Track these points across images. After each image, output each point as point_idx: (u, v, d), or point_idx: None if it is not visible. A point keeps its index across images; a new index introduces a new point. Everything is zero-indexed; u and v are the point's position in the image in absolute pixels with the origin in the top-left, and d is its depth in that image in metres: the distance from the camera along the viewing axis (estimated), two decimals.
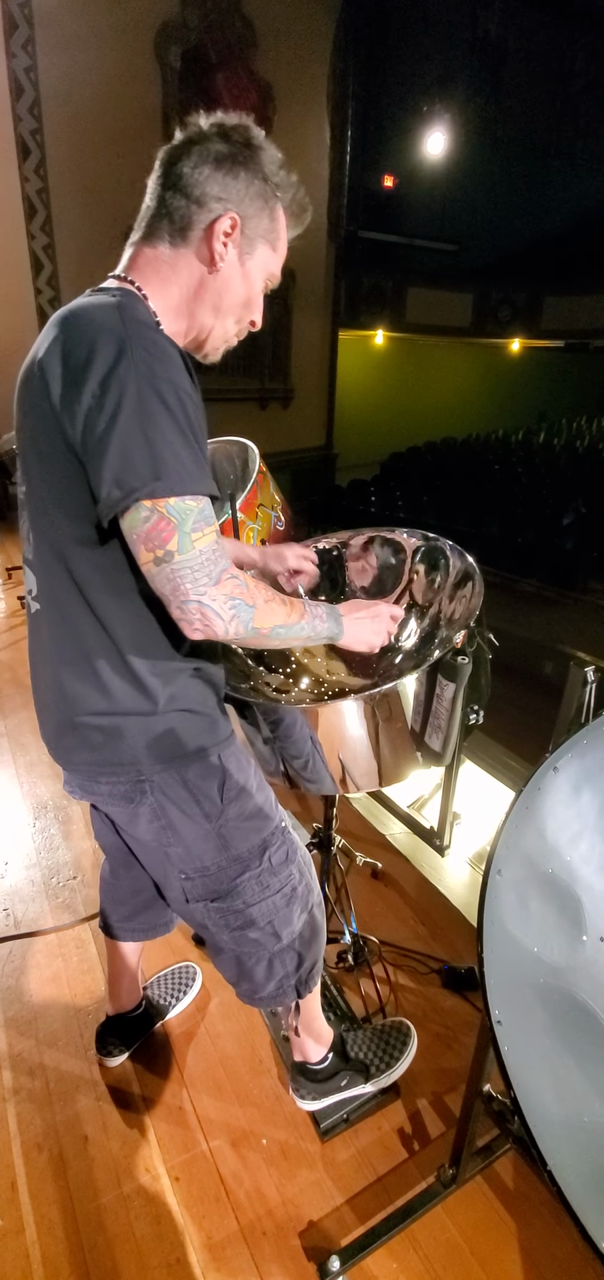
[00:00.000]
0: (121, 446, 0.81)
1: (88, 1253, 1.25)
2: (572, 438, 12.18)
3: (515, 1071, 0.62)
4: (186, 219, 0.94)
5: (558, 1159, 0.56)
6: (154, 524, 0.84)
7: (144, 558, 0.86)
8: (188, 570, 0.86)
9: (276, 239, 1.02)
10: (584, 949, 0.83)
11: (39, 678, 1.08)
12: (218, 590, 0.89)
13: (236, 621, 0.92)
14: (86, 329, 0.84)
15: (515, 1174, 1.36)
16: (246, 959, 1.21)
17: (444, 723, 1.22)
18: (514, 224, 12.51)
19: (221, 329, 1.03)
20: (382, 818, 2.38)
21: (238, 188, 0.95)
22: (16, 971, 1.81)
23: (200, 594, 0.88)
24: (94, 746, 1.02)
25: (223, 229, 0.94)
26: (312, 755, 1.29)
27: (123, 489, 0.82)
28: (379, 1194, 1.34)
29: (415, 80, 10.47)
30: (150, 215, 0.97)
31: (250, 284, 1.01)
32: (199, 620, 0.89)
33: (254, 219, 0.97)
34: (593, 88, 11.14)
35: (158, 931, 1.48)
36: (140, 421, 0.81)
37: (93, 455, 0.83)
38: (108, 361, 0.81)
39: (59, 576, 0.95)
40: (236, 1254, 1.25)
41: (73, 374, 0.83)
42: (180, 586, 0.87)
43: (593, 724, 1.00)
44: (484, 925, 0.74)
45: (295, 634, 1.04)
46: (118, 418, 0.81)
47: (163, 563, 0.86)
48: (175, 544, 0.85)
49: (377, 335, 13.41)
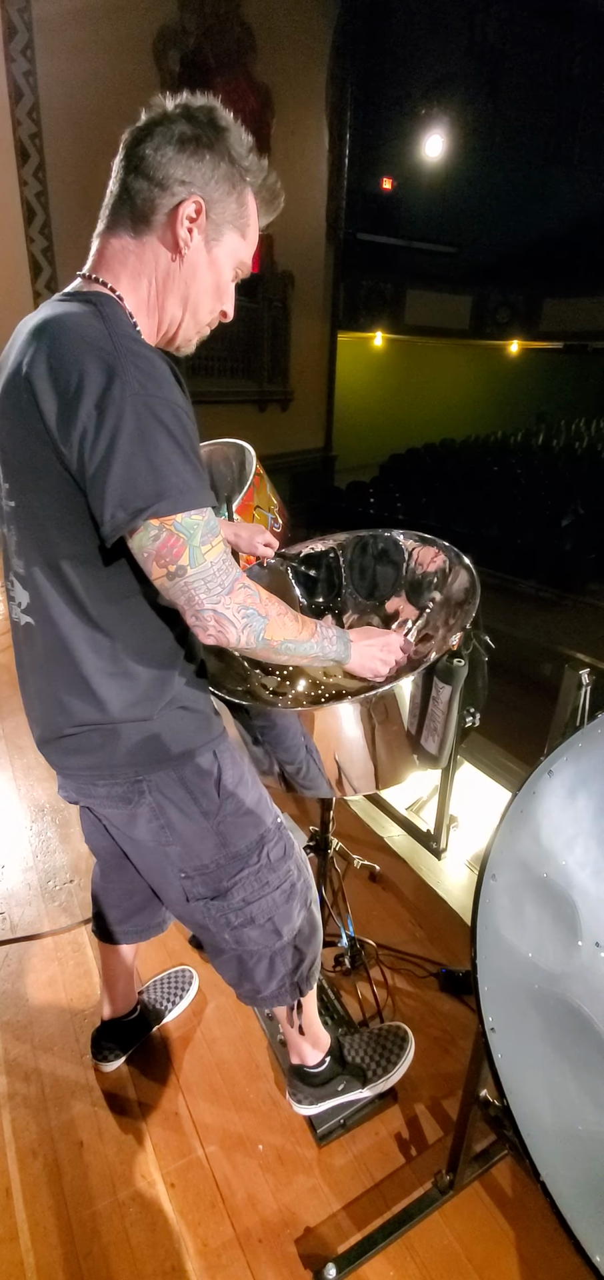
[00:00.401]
0: (123, 470, 0.81)
1: (83, 1260, 1.24)
2: (570, 439, 12.18)
3: (509, 1079, 0.61)
4: (149, 203, 0.91)
5: (551, 1168, 0.55)
6: (164, 542, 0.85)
7: (157, 574, 0.88)
8: (201, 581, 0.88)
9: (246, 225, 0.98)
10: (579, 955, 0.83)
11: (30, 689, 1.06)
12: (231, 599, 0.91)
13: (249, 630, 0.94)
14: (75, 348, 0.83)
15: (513, 1180, 1.35)
16: (248, 959, 1.20)
17: (440, 725, 1.22)
18: (512, 226, 12.52)
19: (191, 321, 1.00)
20: (379, 820, 2.38)
21: (203, 170, 0.91)
22: (12, 976, 1.81)
23: (214, 603, 0.90)
24: (91, 751, 1.02)
25: (187, 213, 0.91)
26: (306, 762, 1.29)
27: (128, 511, 0.82)
28: (376, 1200, 1.33)
29: (413, 84, 10.48)
30: (113, 201, 0.94)
31: (218, 272, 0.98)
32: (214, 627, 0.91)
33: (220, 203, 0.94)
34: (590, 91, 11.16)
35: (152, 932, 1.48)
36: (140, 443, 0.81)
37: (94, 481, 0.83)
38: (101, 384, 0.80)
39: (55, 590, 0.94)
40: (232, 1261, 1.24)
41: (65, 397, 0.82)
42: (195, 598, 0.89)
43: (588, 727, 0.99)
44: (478, 930, 0.74)
45: (304, 651, 1.05)
46: (117, 441, 0.81)
47: (176, 577, 0.87)
48: (186, 558, 0.86)
49: (375, 337, 13.42)
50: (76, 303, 0.89)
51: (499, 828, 0.86)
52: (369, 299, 12.28)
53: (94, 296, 0.90)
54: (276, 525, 1.93)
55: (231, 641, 0.93)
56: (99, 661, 0.97)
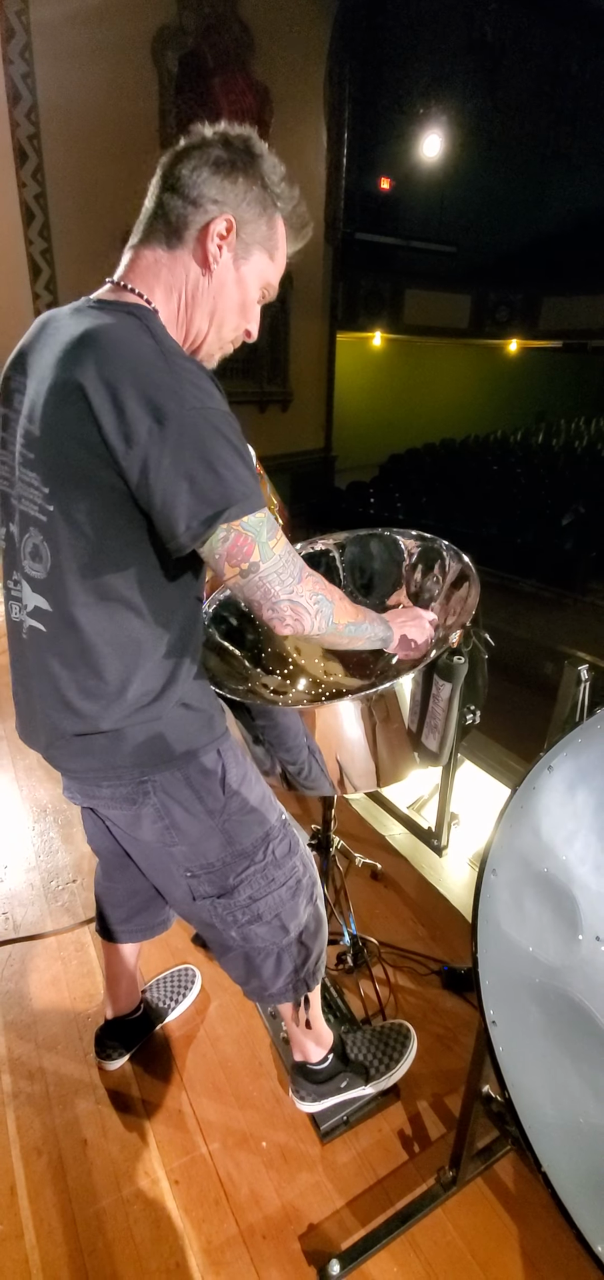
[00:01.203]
0: (191, 483, 0.85)
1: (87, 1257, 1.25)
2: (570, 438, 12.18)
3: (510, 1073, 0.62)
4: (182, 219, 0.95)
5: (553, 1162, 0.56)
6: (233, 542, 0.89)
7: (230, 574, 0.92)
8: (274, 575, 0.93)
9: (274, 248, 1.02)
10: (580, 949, 0.83)
11: (34, 695, 1.05)
12: (303, 587, 0.97)
13: (321, 616, 1.00)
14: (131, 364, 0.85)
15: (516, 1175, 1.36)
16: (255, 956, 1.21)
17: (441, 723, 1.22)
18: (511, 225, 12.52)
19: (216, 336, 1.03)
20: (381, 818, 2.38)
21: (235, 191, 0.95)
22: (16, 975, 1.81)
23: (289, 593, 0.95)
24: (96, 753, 1.02)
25: (218, 230, 0.95)
26: (308, 762, 1.29)
27: (201, 521, 0.86)
28: (379, 1196, 1.34)
29: (412, 83, 10.48)
30: (148, 217, 0.98)
31: (245, 290, 1.01)
32: (290, 616, 0.96)
33: (251, 224, 0.98)
34: (589, 89, 11.15)
35: (155, 931, 1.48)
36: (205, 456, 0.85)
37: (163, 497, 0.85)
38: (160, 402, 0.83)
39: (85, 597, 0.93)
40: (236, 1258, 1.25)
41: (124, 415, 0.83)
42: (271, 590, 0.94)
43: (587, 722, 1.00)
44: (478, 925, 0.74)
45: (361, 633, 1.12)
46: (182, 455, 0.84)
47: (250, 574, 0.92)
48: (257, 555, 0.91)
49: (375, 337, 13.42)
50: (118, 313, 0.91)
51: (499, 823, 0.87)
52: (368, 299, 12.28)
53: (135, 309, 0.92)
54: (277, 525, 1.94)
55: (306, 628, 0.98)
56: (117, 666, 0.97)
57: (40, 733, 1.07)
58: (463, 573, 1.46)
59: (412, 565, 1.64)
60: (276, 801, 1.21)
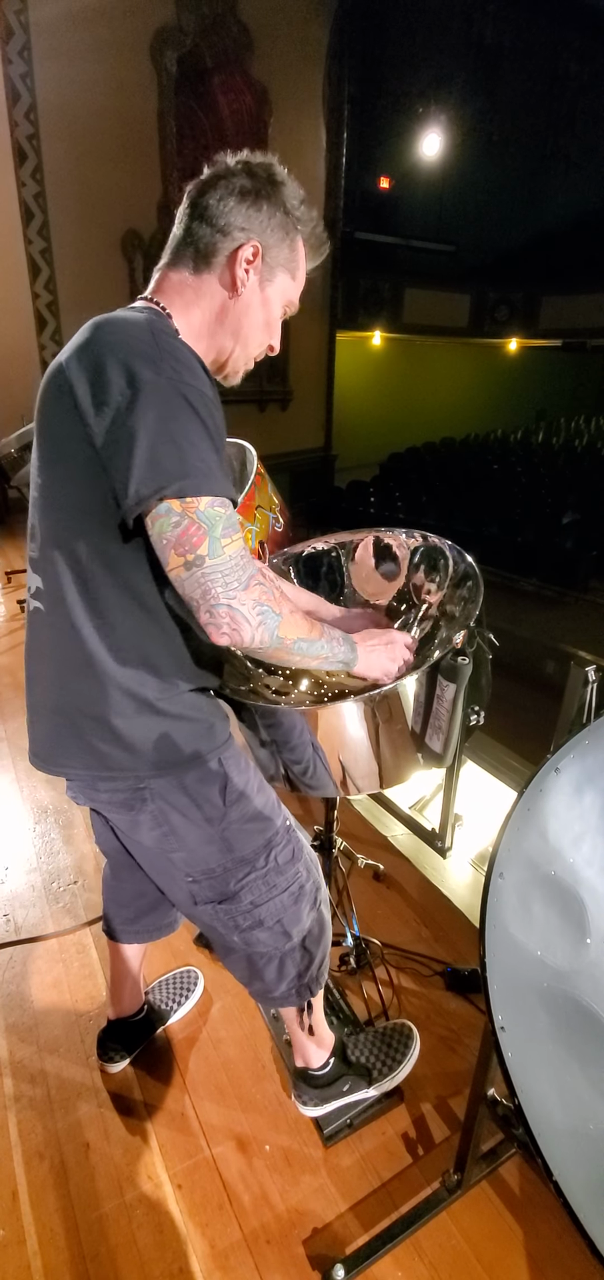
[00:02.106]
0: (149, 445, 0.83)
1: (89, 1263, 1.24)
2: (570, 437, 12.18)
3: (519, 1078, 0.61)
4: (211, 246, 0.99)
5: (563, 1168, 0.55)
6: (184, 529, 0.86)
7: (174, 562, 0.87)
8: (218, 574, 0.87)
9: (296, 268, 1.07)
10: (588, 952, 0.82)
11: (36, 678, 1.07)
12: (247, 595, 0.90)
13: (263, 629, 0.93)
14: (113, 337, 0.89)
15: (521, 1178, 1.35)
16: (258, 959, 1.21)
17: (445, 724, 1.21)
18: (511, 224, 12.52)
19: (242, 352, 1.07)
20: (383, 819, 2.37)
21: (260, 219, 1.00)
22: (17, 977, 1.80)
23: (230, 598, 0.88)
24: (91, 752, 1.01)
25: (245, 256, 1.00)
26: (313, 761, 1.28)
27: (150, 486, 0.84)
28: (384, 1200, 1.33)
29: (411, 82, 10.49)
30: (177, 243, 1.02)
31: (269, 309, 1.06)
32: (227, 624, 0.89)
33: (275, 248, 1.02)
34: (588, 88, 11.14)
35: (162, 933, 1.48)
36: (167, 423, 0.85)
37: (118, 454, 0.85)
38: (135, 366, 0.85)
39: (66, 578, 0.95)
40: (240, 1263, 1.24)
41: (98, 375, 0.86)
42: (211, 590, 0.87)
43: (594, 724, 0.99)
44: (486, 929, 0.73)
45: (315, 651, 1.05)
46: (145, 418, 0.84)
47: (193, 567, 0.87)
48: (205, 549, 0.86)
49: (374, 336, 13.42)
50: (126, 310, 0.96)
51: (506, 825, 0.86)
52: (367, 298, 12.29)
53: (145, 310, 0.97)
54: (278, 525, 1.93)
55: (246, 640, 0.91)
56: (104, 654, 0.97)
57: (36, 721, 1.08)
58: (466, 572, 1.45)
59: (414, 565, 1.63)
60: (282, 807, 1.20)
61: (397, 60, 10.40)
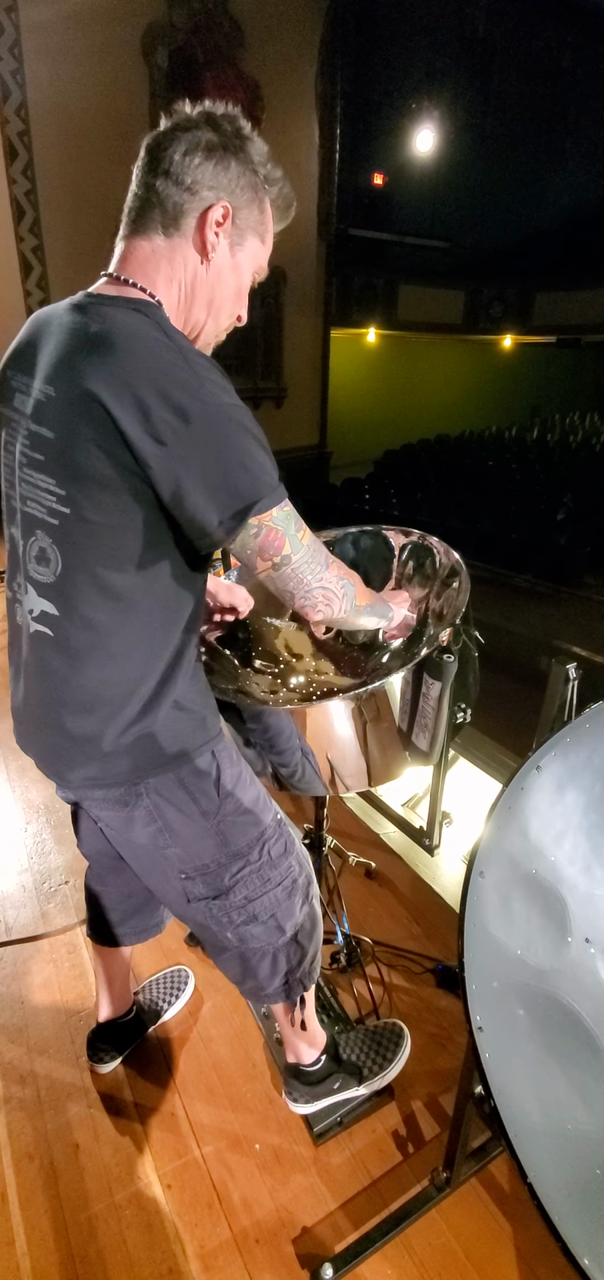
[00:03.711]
0: (223, 478, 0.86)
1: (79, 1263, 1.24)
2: (565, 433, 12.19)
3: (497, 1078, 0.61)
4: (178, 207, 0.92)
5: (540, 1169, 0.55)
6: (264, 537, 0.92)
7: (262, 566, 0.95)
8: (305, 565, 0.97)
9: (265, 231, 1.02)
10: (569, 951, 0.82)
11: (37, 703, 1.03)
12: (330, 573, 1.01)
13: (346, 598, 1.05)
14: (149, 364, 0.83)
15: (511, 1175, 1.35)
16: (251, 956, 1.20)
17: (431, 721, 1.21)
18: (505, 220, 12.50)
19: (213, 325, 1.03)
20: (374, 817, 2.37)
21: (229, 178, 0.94)
22: (7, 978, 1.80)
23: (320, 580, 0.99)
24: (92, 762, 1.00)
25: (215, 218, 0.93)
26: (301, 765, 1.28)
27: (234, 516, 0.88)
28: (373, 1198, 1.33)
29: (404, 78, 10.46)
30: (138, 204, 0.94)
31: (240, 276, 1.01)
32: (322, 602, 1.01)
33: (245, 209, 0.97)
34: (582, 85, 11.13)
35: (150, 934, 1.47)
36: (231, 451, 0.86)
37: (192, 495, 0.85)
38: (183, 401, 0.83)
39: (97, 598, 0.92)
40: (229, 1262, 1.24)
41: (148, 416, 0.82)
42: (303, 580, 0.98)
43: (575, 721, 0.99)
44: (466, 928, 0.73)
45: (376, 613, 1.21)
46: (211, 453, 0.85)
47: (282, 566, 0.95)
48: (289, 548, 0.94)
49: (369, 333, 13.39)
50: (125, 311, 0.88)
51: (487, 824, 0.86)
52: (362, 295, 12.26)
53: (141, 305, 0.90)
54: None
55: (335, 611, 1.03)
56: (124, 668, 0.96)
57: (36, 739, 1.06)
58: (453, 569, 1.45)
59: (403, 561, 1.63)
60: (272, 801, 1.19)
61: (390, 56, 10.37)
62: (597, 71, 10.88)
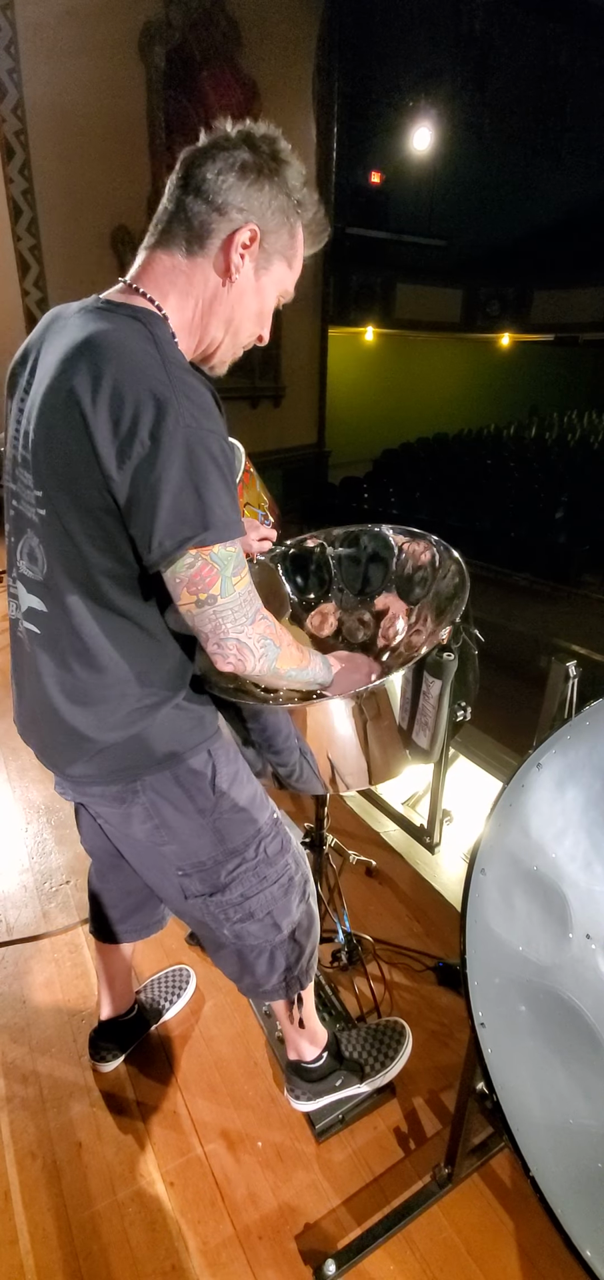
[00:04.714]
0: (173, 501, 0.83)
1: (82, 1261, 1.24)
2: (563, 431, 12.20)
3: (499, 1074, 0.61)
4: (206, 226, 0.92)
5: (542, 1163, 0.55)
6: (198, 570, 0.87)
7: (185, 600, 0.89)
8: (229, 611, 0.91)
9: (293, 256, 1.01)
10: (570, 947, 0.83)
11: (32, 698, 1.05)
12: (254, 629, 0.94)
13: (265, 660, 0.97)
14: (129, 374, 0.82)
15: (512, 1171, 1.36)
16: (248, 953, 1.21)
17: (431, 720, 1.22)
18: (502, 219, 12.51)
19: (231, 342, 1.02)
20: (375, 815, 2.38)
21: (261, 200, 0.93)
22: (9, 978, 1.80)
23: (239, 632, 0.92)
24: (88, 760, 1.01)
25: (242, 240, 0.93)
26: (299, 765, 1.28)
27: (175, 540, 0.84)
28: (375, 1194, 1.33)
29: (401, 77, 10.46)
30: (167, 218, 0.94)
31: (263, 299, 1.00)
32: (234, 656, 0.93)
33: (274, 234, 0.96)
34: (578, 83, 11.14)
35: (150, 931, 1.48)
36: (190, 476, 0.83)
37: (142, 510, 0.84)
38: (155, 416, 0.81)
39: (77, 602, 0.93)
40: (232, 1259, 1.24)
41: (119, 427, 0.82)
42: (221, 626, 0.91)
43: (576, 719, 0.99)
44: (467, 925, 0.74)
45: (300, 677, 1.11)
46: (168, 473, 0.82)
47: (205, 605, 0.89)
48: (218, 588, 0.89)
49: (367, 332, 13.39)
50: (123, 318, 0.88)
51: (488, 821, 0.86)
52: (359, 294, 12.26)
53: (141, 314, 0.89)
54: (267, 523, 1.93)
55: (248, 669, 0.95)
56: (114, 673, 0.97)
57: (34, 731, 1.08)
58: (453, 568, 1.45)
59: (401, 561, 1.63)
60: (269, 800, 1.20)
61: (387, 54, 10.36)
62: (594, 69, 10.89)
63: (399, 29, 10.21)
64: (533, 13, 10.56)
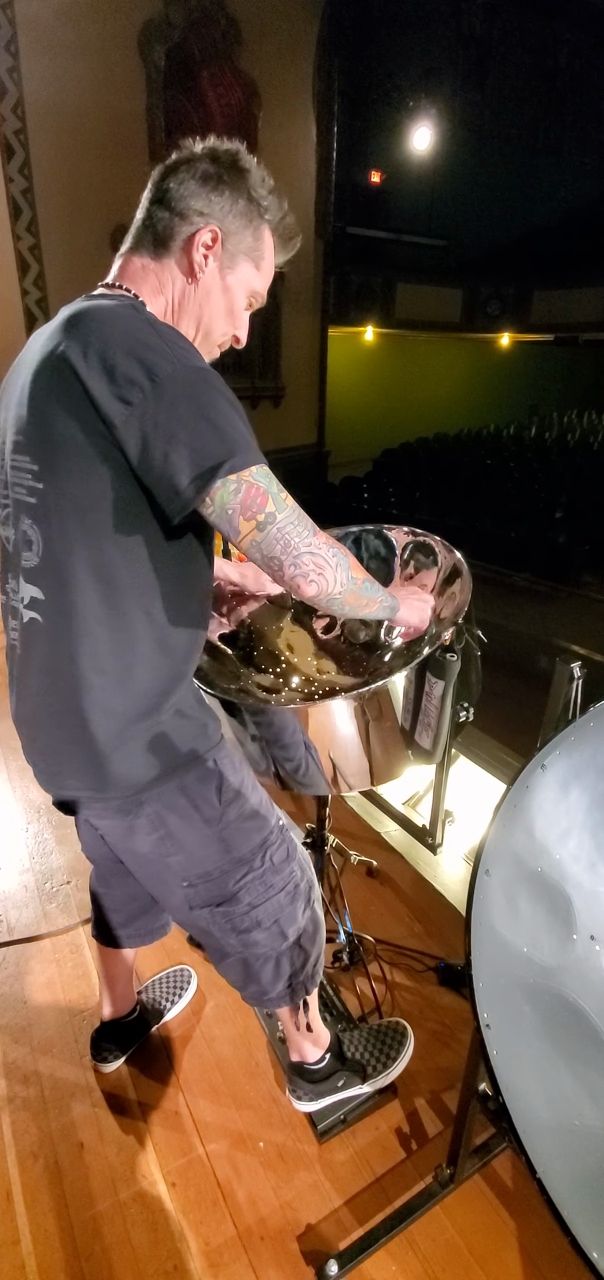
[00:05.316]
0: (191, 436, 0.83)
1: (84, 1262, 1.24)
2: (563, 431, 12.20)
3: (504, 1075, 0.61)
4: (168, 230, 0.97)
5: (548, 1165, 0.55)
6: (246, 493, 0.86)
7: (245, 528, 0.88)
8: (292, 525, 0.90)
9: (260, 258, 1.04)
10: (574, 948, 0.83)
11: (30, 691, 1.03)
12: (319, 540, 0.93)
13: (341, 569, 0.95)
14: (120, 331, 0.86)
15: (514, 1171, 1.36)
16: (254, 961, 1.20)
17: (434, 720, 1.22)
18: (502, 218, 12.52)
19: (203, 341, 1.05)
20: (376, 816, 2.38)
21: (222, 204, 0.98)
22: (10, 978, 1.80)
23: (309, 545, 0.91)
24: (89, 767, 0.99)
25: (203, 241, 0.97)
26: (305, 760, 1.28)
27: (206, 471, 0.84)
28: (377, 1195, 1.33)
29: (401, 76, 10.44)
30: (137, 228, 1.01)
31: (231, 297, 1.03)
32: (314, 571, 0.91)
33: (236, 235, 1.00)
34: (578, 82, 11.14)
35: (153, 937, 1.47)
36: (199, 409, 0.84)
37: (158, 452, 0.84)
38: (147, 357, 0.84)
39: (80, 585, 0.91)
40: (234, 1259, 1.24)
41: (113, 372, 0.83)
42: (290, 542, 0.89)
43: (580, 720, 0.99)
44: (472, 926, 0.74)
45: (374, 593, 1.06)
46: (176, 410, 0.83)
47: (267, 525, 0.88)
48: (272, 505, 0.88)
49: (366, 332, 13.39)
50: (106, 299, 0.94)
51: (493, 822, 0.86)
52: (359, 293, 12.26)
53: (123, 297, 0.96)
54: None
55: (330, 583, 0.93)
56: (114, 660, 0.95)
57: (36, 741, 1.05)
58: (456, 568, 1.45)
59: (404, 561, 1.63)
60: (274, 806, 1.19)
61: (387, 53, 10.35)
62: (593, 69, 10.89)
63: (399, 28, 10.20)
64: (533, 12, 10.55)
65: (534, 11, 10.55)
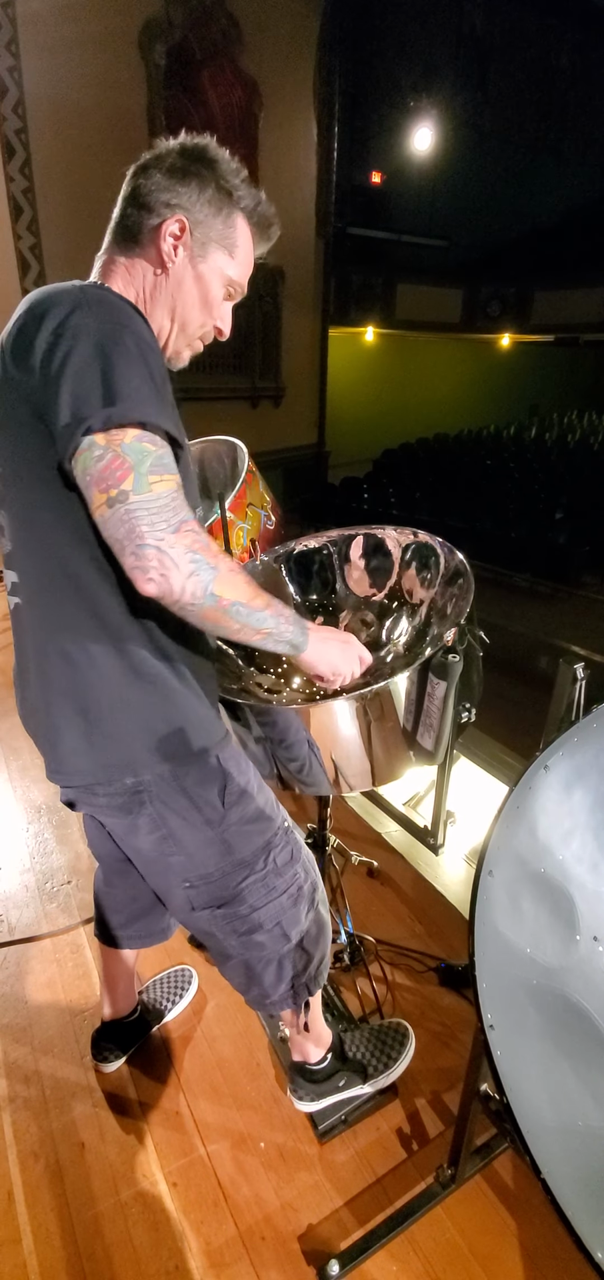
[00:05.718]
0: (74, 384, 0.80)
1: (85, 1261, 1.24)
2: (563, 432, 12.20)
3: (508, 1076, 0.61)
4: (137, 225, 0.98)
5: (552, 1165, 0.55)
6: (107, 463, 0.79)
7: (97, 501, 0.81)
8: (144, 511, 0.80)
9: (233, 245, 1.03)
10: (578, 949, 0.83)
11: (25, 675, 1.05)
12: (177, 539, 0.82)
13: (195, 579, 0.84)
14: (43, 296, 0.87)
15: (515, 1172, 1.36)
16: (255, 964, 1.19)
17: (436, 721, 1.22)
18: (503, 219, 12.51)
19: (180, 333, 1.04)
20: (377, 816, 2.38)
21: (189, 193, 0.97)
22: (11, 978, 1.80)
23: (158, 539, 0.80)
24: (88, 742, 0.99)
25: (170, 230, 0.97)
26: (309, 759, 1.28)
27: (75, 419, 0.79)
28: (378, 1195, 1.33)
29: (402, 76, 10.44)
30: (112, 227, 1.02)
31: (205, 287, 1.02)
32: (155, 568, 0.81)
33: (205, 224, 0.99)
34: (579, 82, 11.13)
35: (155, 939, 1.47)
36: (95, 357, 0.81)
37: (49, 397, 0.82)
38: (62, 313, 0.84)
39: (36, 560, 0.94)
40: (235, 1259, 1.24)
41: (27, 333, 0.85)
42: (136, 529, 0.80)
43: (583, 721, 0.99)
44: (476, 927, 0.74)
45: (257, 621, 0.93)
46: (72, 355, 0.81)
47: (117, 503, 0.80)
48: (130, 483, 0.80)
49: (367, 332, 13.38)
50: None
51: (496, 823, 0.86)
52: (360, 293, 12.26)
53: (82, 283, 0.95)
54: (269, 522, 1.93)
55: (175, 589, 0.83)
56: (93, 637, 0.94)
57: (37, 729, 1.06)
58: (457, 569, 1.45)
59: (405, 562, 1.63)
60: (280, 807, 1.19)
61: (388, 53, 10.35)
62: (594, 69, 10.89)
63: (400, 27, 10.20)
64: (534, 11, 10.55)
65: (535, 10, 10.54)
